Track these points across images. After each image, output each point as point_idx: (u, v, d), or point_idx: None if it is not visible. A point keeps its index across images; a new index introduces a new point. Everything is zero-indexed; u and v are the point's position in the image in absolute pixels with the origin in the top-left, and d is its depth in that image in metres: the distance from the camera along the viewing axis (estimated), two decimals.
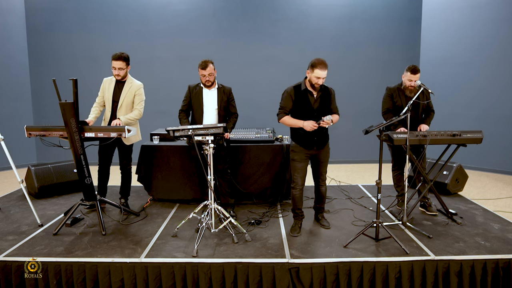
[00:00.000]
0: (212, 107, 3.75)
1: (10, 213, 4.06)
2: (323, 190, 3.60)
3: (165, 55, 7.02)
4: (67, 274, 2.86)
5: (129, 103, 3.84)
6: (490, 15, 6.21)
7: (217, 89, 3.77)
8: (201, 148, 3.41)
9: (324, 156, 3.48)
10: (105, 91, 3.86)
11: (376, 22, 7.00)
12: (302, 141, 3.38)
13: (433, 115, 3.92)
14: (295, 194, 3.49)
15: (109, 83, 3.87)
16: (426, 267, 2.86)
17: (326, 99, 3.40)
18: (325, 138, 3.45)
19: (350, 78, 7.09)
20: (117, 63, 3.70)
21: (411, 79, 3.67)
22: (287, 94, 3.38)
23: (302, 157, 3.41)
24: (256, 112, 6.74)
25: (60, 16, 6.89)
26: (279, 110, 3.43)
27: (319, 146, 3.39)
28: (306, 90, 3.34)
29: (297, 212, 3.55)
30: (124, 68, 3.75)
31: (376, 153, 3.35)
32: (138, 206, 4.29)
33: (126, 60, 3.75)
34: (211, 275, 2.84)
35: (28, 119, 7.01)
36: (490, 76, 6.28)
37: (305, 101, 3.34)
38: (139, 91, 3.87)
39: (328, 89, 3.44)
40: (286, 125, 3.43)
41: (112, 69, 3.73)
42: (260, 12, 6.98)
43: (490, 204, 4.57)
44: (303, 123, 3.26)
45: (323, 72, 3.22)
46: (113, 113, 3.85)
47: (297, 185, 3.46)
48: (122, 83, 3.84)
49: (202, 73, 3.63)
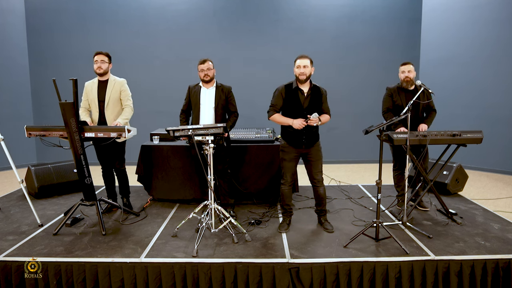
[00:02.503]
0: (210, 105, 3.76)
1: (10, 213, 4.06)
2: (320, 192, 3.54)
3: (165, 55, 7.02)
4: (67, 274, 2.86)
5: (115, 100, 3.82)
6: (491, 15, 6.21)
7: (215, 87, 3.79)
8: (201, 148, 3.41)
9: (315, 155, 3.45)
10: (89, 93, 3.83)
11: (376, 22, 7.01)
12: (291, 140, 3.41)
13: (435, 114, 3.93)
14: (283, 190, 3.52)
15: (91, 85, 3.85)
16: (426, 267, 2.86)
17: (317, 98, 3.41)
18: (314, 137, 3.43)
19: (350, 78, 7.10)
20: (99, 56, 3.73)
21: (403, 70, 3.83)
22: (278, 92, 3.44)
23: (291, 156, 3.44)
24: (256, 112, 6.71)
25: (60, 16, 6.89)
26: (269, 108, 3.49)
27: (308, 145, 3.39)
28: (296, 88, 3.38)
29: (286, 208, 3.57)
30: (106, 61, 3.76)
31: (376, 153, 3.35)
32: (138, 206, 4.29)
33: (107, 55, 3.79)
34: (211, 275, 2.84)
35: (28, 119, 7.01)
36: (491, 76, 6.28)
37: (295, 100, 3.37)
38: (123, 86, 3.86)
39: (319, 88, 3.45)
40: (276, 123, 3.46)
41: (94, 63, 3.75)
42: (260, 12, 6.98)
43: (490, 204, 4.57)
44: (292, 121, 3.29)
45: (301, 60, 3.31)
46: (101, 113, 3.82)
47: (286, 182, 3.49)
48: (105, 82, 3.83)
49: (201, 68, 3.70)
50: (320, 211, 3.65)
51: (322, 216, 3.65)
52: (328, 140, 7.05)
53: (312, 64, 3.37)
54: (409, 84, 3.80)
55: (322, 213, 3.65)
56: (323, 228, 3.57)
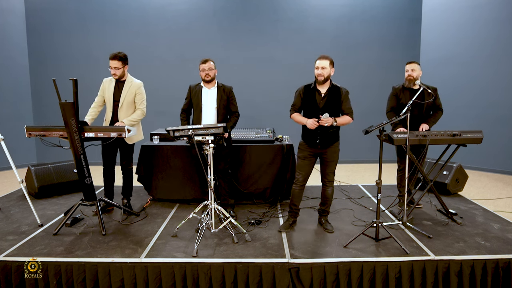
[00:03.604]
0: (211, 106, 3.76)
1: (10, 213, 4.06)
2: (328, 192, 3.54)
3: (165, 55, 7.02)
4: (67, 274, 2.86)
5: (130, 102, 3.84)
6: (491, 15, 6.21)
7: (216, 88, 3.79)
8: (201, 148, 3.41)
9: (330, 156, 3.44)
10: (105, 91, 3.86)
11: (376, 22, 7.00)
12: (307, 139, 3.44)
13: (441, 114, 3.90)
14: (294, 189, 3.52)
15: (109, 83, 3.87)
16: (426, 267, 2.86)
17: (335, 99, 3.39)
18: (331, 138, 3.40)
19: (350, 78, 7.07)
20: (113, 63, 3.70)
21: (406, 69, 3.85)
22: (297, 92, 3.50)
23: (305, 155, 3.45)
24: (256, 112, 6.73)
25: (60, 17, 6.89)
26: (291, 107, 3.55)
27: (323, 145, 3.38)
28: (314, 89, 3.39)
29: (293, 207, 3.57)
30: (121, 67, 3.74)
31: (376, 153, 3.35)
32: (138, 206, 4.29)
33: (122, 59, 3.74)
34: (211, 275, 2.84)
35: (28, 119, 7.01)
36: (491, 76, 6.28)
37: (312, 100, 3.38)
38: (139, 89, 3.87)
39: (339, 88, 3.43)
40: (295, 121, 3.50)
41: (109, 68, 3.74)
42: (260, 12, 6.98)
43: (490, 204, 4.57)
44: (306, 121, 3.31)
45: (320, 61, 3.32)
46: (114, 113, 3.85)
47: (298, 181, 3.49)
48: (122, 82, 3.84)
49: (202, 68, 3.70)
50: (322, 211, 3.64)
51: (323, 216, 3.65)
52: None
53: (332, 65, 3.36)
54: (412, 83, 3.80)
55: (324, 213, 3.64)
56: (323, 228, 3.56)
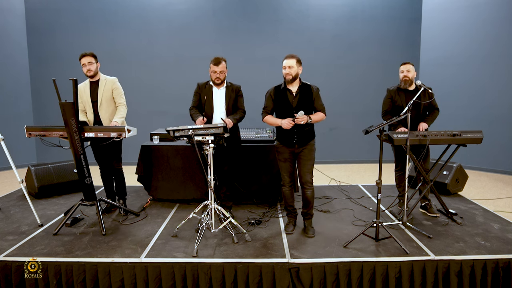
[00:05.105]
0: (221, 106, 3.70)
1: (10, 213, 4.06)
2: (308, 194, 3.38)
3: (165, 55, 7.01)
4: (67, 274, 2.86)
5: (109, 99, 3.81)
6: (490, 15, 6.21)
7: (225, 87, 3.72)
8: (201, 148, 3.40)
9: (307, 154, 3.34)
10: (82, 95, 3.82)
11: (376, 22, 7.00)
12: (283, 140, 3.38)
13: (437, 113, 3.90)
14: (284, 191, 3.50)
15: (83, 87, 3.83)
16: (426, 267, 2.86)
17: (307, 97, 3.35)
18: (307, 137, 3.34)
19: (350, 78, 7.09)
20: (86, 59, 3.69)
21: (402, 70, 3.84)
22: (268, 94, 3.46)
23: (285, 156, 3.41)
24: (256, 112, 6.69)
25: (60, 16, 6.89)
26: (262, 110, 3.50)
27: (300, 144, 3.33)
28: (285, 89, 3.37)
29: (289, 209, 3.56)
30: (94, 62, 3.73)
31: (376, 153, 3.35)
32: (138, 206, 4.29)
33: (93, 55, 3.75)
34: (211, 275, 2.84)
35: (28, 119, 7.01)
36: (489, 75, 6.28)
37: (284, 100, 3.35)
38: (115, 85, 3.85)
39: (309, 86, 3.38)
40: (269, 124, 3.46)
41: (82, 67, 3.72)
42: (260, 12, 6.98)
43: (490, 204, 4.57)
44: (281, 122, 3.27)
45: (287, 60, 3.33)
46: (95, 113, 3.82)
47: (285, 182, 3.47)
48: (96, 82, 3.82)
49: (214, 69, 3.58)
50: (305, 214, 3.49)
51: (306, 220, 3.50)
52: (328, 140, 7.07)
53: (299, 64, 3.34)
54: (408, 84, 3.79)
55: (307, 217, 3.49)
56: (304, 232, 3.44)
